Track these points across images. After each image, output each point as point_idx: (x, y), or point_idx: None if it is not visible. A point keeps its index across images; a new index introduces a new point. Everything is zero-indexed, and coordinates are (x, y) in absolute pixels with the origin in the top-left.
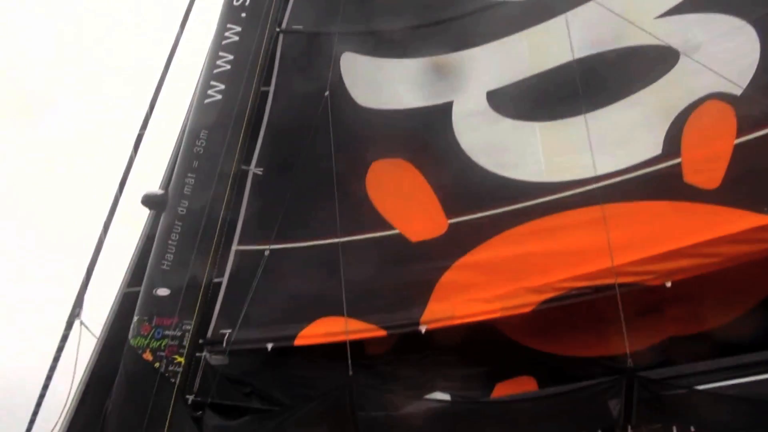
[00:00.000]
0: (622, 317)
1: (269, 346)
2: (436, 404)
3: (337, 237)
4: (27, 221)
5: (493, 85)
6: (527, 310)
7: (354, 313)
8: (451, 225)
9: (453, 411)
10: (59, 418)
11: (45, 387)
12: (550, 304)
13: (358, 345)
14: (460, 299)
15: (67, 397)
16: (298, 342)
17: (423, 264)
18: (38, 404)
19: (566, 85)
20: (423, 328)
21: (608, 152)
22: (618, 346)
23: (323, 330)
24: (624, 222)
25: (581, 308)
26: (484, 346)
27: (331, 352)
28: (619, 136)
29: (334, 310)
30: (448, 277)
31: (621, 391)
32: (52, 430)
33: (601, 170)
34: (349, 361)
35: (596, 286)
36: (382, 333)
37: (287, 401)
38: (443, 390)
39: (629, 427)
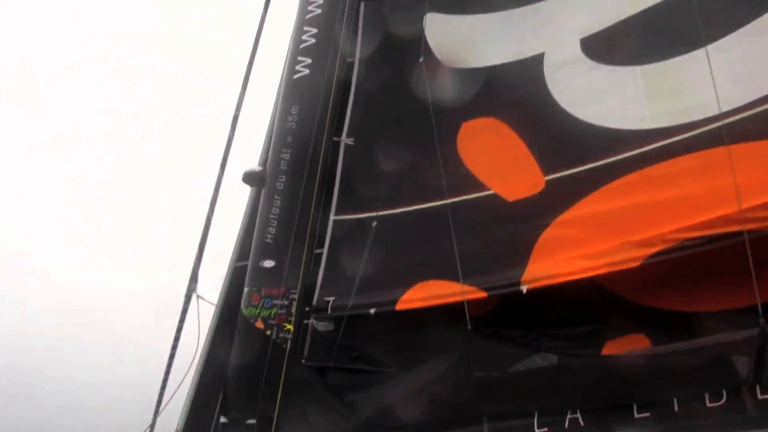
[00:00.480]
0: (751, 265)
1: (372, 311)
2: (546, 362)
3: (434, 201)
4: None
5: (588, 32)
6: (635, 265)
7: (454, 276)
8: (548, 182)
9: (563, 368)
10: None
11: (171, 356)
12: (661, 257)
13: (458, 308)
14: (561, 257)
15: (189, 366)
16: (399, 306)
17: (521, 223)
18: (167, 372)
19: (673, 22)
20: (524, 288)
21: (726, 88)
22: (744, 300)
23: (423, 294)
24: (747, 164)
25: (698, 260)
26: (591, 305)
27: (433, 315)
28: (738, 70)
29: (433, 274)
30: (548, 235)
31: (752, 347)
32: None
33: (718, 110)
34: (467, 317)
35: (715, 235)
36: (482, 294)
37: (393, 365)
38: (548, 350)
39: (758, 388)
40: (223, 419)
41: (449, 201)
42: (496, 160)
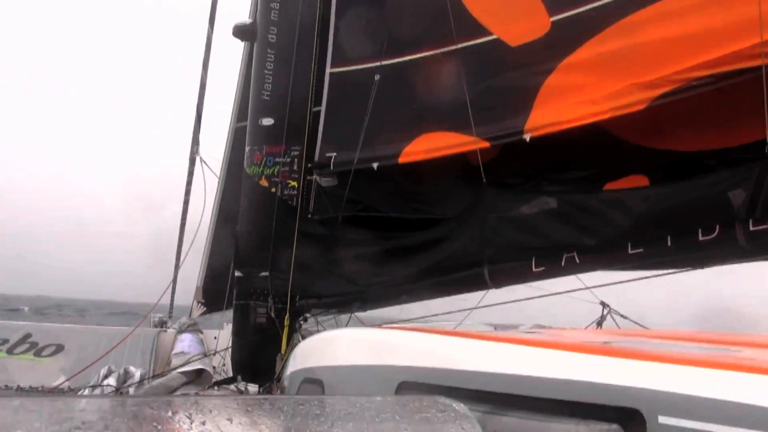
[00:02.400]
0: (765, 97)
1: (375, 165)
2: (546, 206)
3: (435, 48)
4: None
5: None
6: (640, 107)
7: (456, 127)
8: (554, 23)
9: (562, 210)
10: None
11: (183, 216)
12: (667, 99)
13: (461, 159)
14: (566, 103)
15: (197, 227)
16: (402, 159)
17: (524, 69)
18: (181, 232)
19: None
20: (527, 136)
21: None
22: (746, 136)
23: (426, 146)
24: None
25: (705, 100)
26: (593, 149)
27: (437, 167)
28: None
29: (436, 125)
30: (552, 80)
31: (749, 181)
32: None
33: None
34: (481, 167)
35: (727, 72)
36: (485, 144)
37: (400, 214)
38: (549, 194)
39: (751, 221)
40: (238, 273)
41: (450, 48)
42: (498, 3)
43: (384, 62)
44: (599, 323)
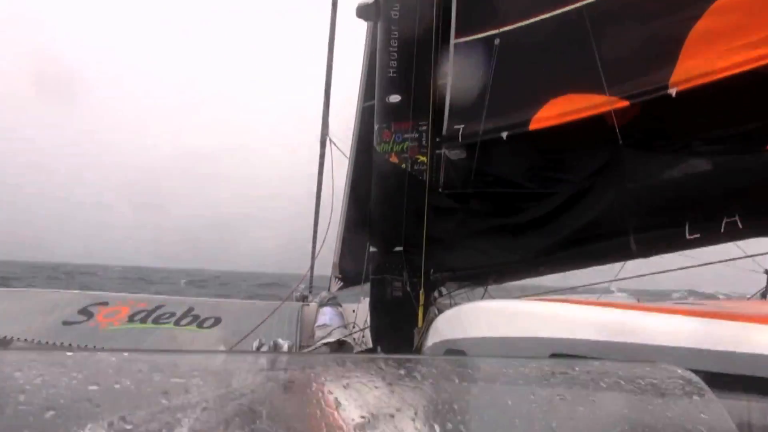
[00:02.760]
0: None
1: (504, 134)
2: (699, 168)
3: (563, 6)
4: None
5: None
6: None
7: (591, 87)
8: None
9: (719, 171)
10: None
11: (318, 196)
12: None
13: (597, 121)
14: (719, 49)
15: (331, 208)
16: (533, 126)
17: (666, 17)
18: (316, 215)
19: None
20: (673, 91)
21: None
22: None
23: (558, 110)
24: None
25: None
26: (752, 101)
27: (571, 132)
28: None
29: (568, 87)
30: (701, 25)
31: None
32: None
33: None
34: (617, 129)
35: None
36: (624, 103)
37: (532, 186)
38: (702, 155)
39: None
40: (372, 249)
41: (581, 3)
42: None
43: (509, 27)
44: (765, 294)
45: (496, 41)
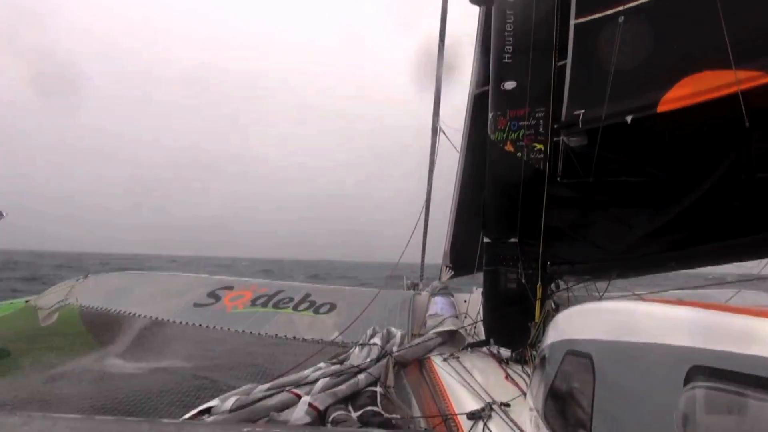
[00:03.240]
0: None
1: (628, 118)
2: None
3: None
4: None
5: None
6: None
7: (726, 62)
8: None
9: None
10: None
11: (429, 184)
12: None
13: (736, 101)
14: None
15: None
16: (662, 108)
17: None
18: (427, 203)
19: None
20: None
21: None
22: None
23: (690, 90)
24: None
25: None
26: None
27: (702, 112)
28: None
29: (701, 64)
30: None
31: None
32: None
33: None
34: (743, 111)
35: None
36: (765, 80)
37: (660, 172)
38: None
39: None
40: (486, 239)
41: None
42: None
43: (634, 3)
44: None
45: (620, 19)
